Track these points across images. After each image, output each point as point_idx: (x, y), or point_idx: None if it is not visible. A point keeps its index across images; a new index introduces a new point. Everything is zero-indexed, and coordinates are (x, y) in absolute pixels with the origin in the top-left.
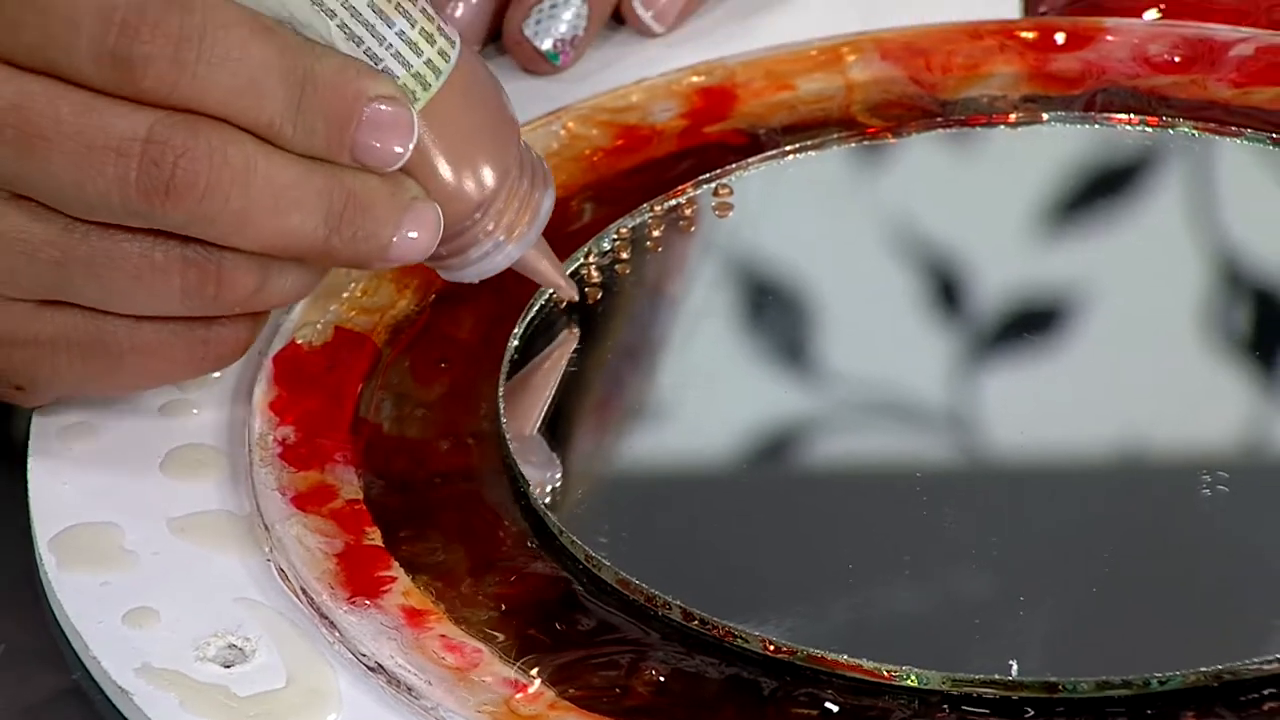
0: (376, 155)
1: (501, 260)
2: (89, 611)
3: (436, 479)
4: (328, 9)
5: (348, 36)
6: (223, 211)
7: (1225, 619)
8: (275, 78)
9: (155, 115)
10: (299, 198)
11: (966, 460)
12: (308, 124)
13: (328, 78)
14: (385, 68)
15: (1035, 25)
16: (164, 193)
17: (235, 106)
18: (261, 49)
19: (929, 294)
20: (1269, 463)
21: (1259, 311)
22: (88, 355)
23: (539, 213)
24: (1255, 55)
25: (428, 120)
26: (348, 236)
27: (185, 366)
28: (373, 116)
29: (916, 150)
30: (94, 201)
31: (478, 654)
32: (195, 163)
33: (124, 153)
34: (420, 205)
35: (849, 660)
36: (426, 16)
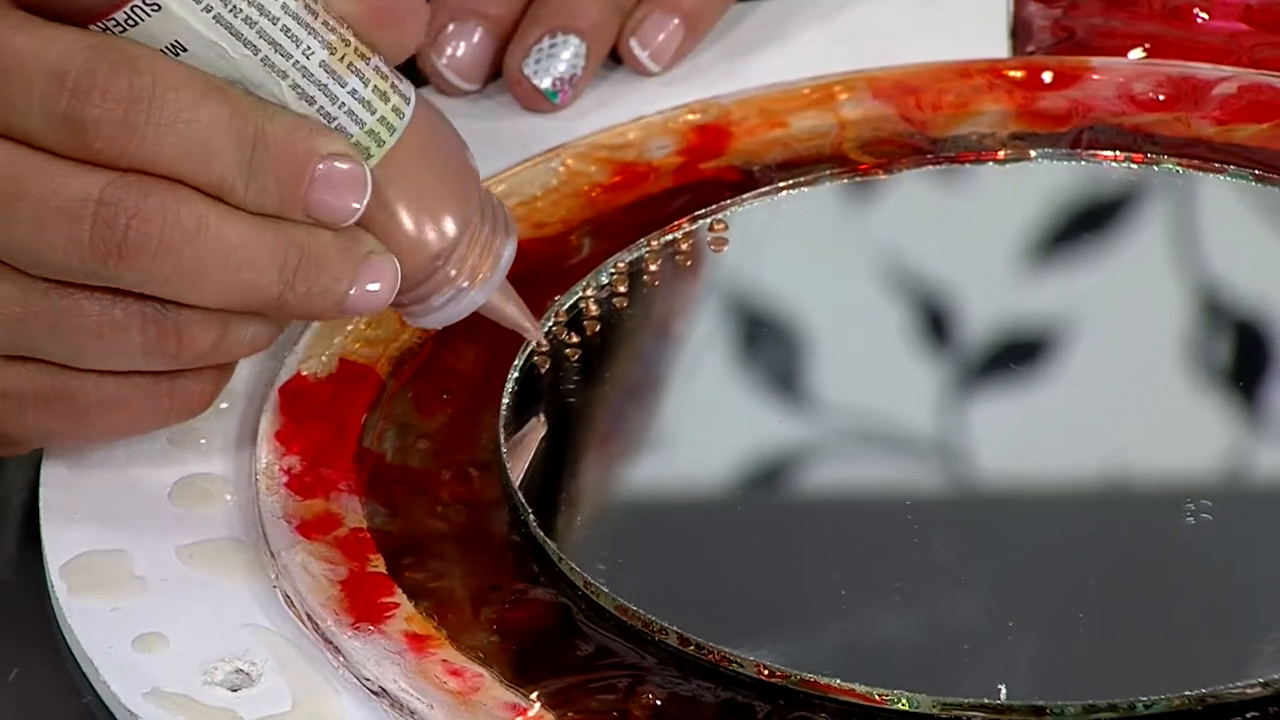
0: (330, 211)
1: (465, 306)
2: (99, 637)
3: (438, 507)
4: (279, 70)
5: (300, 96)
6: (176, 270)
7: (1208, 643)
8: (226, 138)
9: (108, 177)
10: (251, 255)
11: (955, 488)
12: (260, 183)
13: (279, 137)
14: (339, 125)
15: (1023, 64)
16: (117, 253)
17: (186, 167)
18: (211, 110)
19: (919, 326)
20: (1250, 491)
21: (1239, 344)
22: (55, 408)
23: (500, 260)
24: (1238, 93)
25: (383, 175)
26: (302, 291)
27: (151, 418)
28: (325, 174)
29: (907, 186)
30: (51, 261)
31: (479, 678)
32: (147, 223)
33: (78, 214)
34: (376, 258)
35: (841, 684)
36: (379, 75)
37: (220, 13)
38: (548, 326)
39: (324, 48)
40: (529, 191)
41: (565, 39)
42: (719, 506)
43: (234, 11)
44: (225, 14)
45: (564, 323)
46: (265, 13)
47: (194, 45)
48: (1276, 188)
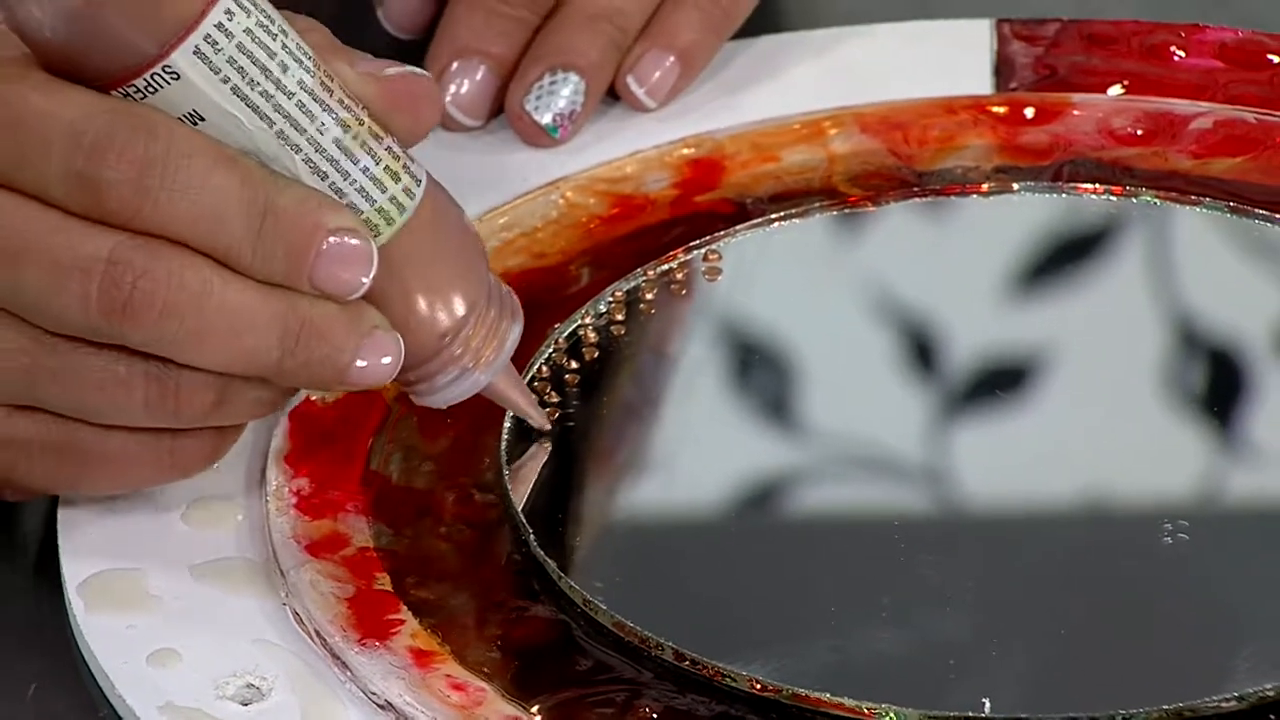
0: (336, 285)
1: (468, 388)
2: (115, 652)
3: (442, 528)
4: (293, 144)
5: (313, 170)
6: (179, 332)
7: (1186, 659)
8: (235, 207)
9: (118, 237)
10: (254, 321)
11: (941, 510)
12: (267, 252)
13: (289, 209)
14: (349, 202)
15: (1006, 100)
16: (123, 312)
17: (195, 232)
18: (223, 179)
19: (906, 354)
20: (1225, 512)
21: (1214, 371)
22: (59, 459)
23: (506, 343)
24: (1213, 128)
25: (391, 254)
26: (302, 360)
27: (152, 474)
28: (333, 248)
29: (894, 218)
30: (59, 316)
31: (481, 692)
32: (153, 285)
33: (87, 271)
34: (380, 334)
35: (831, 698)
36: (392, 155)
37: (238, 85)
38: (548, 353)
39: (338, 125)
40: (530, 223)
41: (565, 76)
42: (714, 527)
43: (251, 85)
44: (243, 86)
45: (563, 350)
46: (282, 88)
47: (211, 115)
48: (1251, 219)
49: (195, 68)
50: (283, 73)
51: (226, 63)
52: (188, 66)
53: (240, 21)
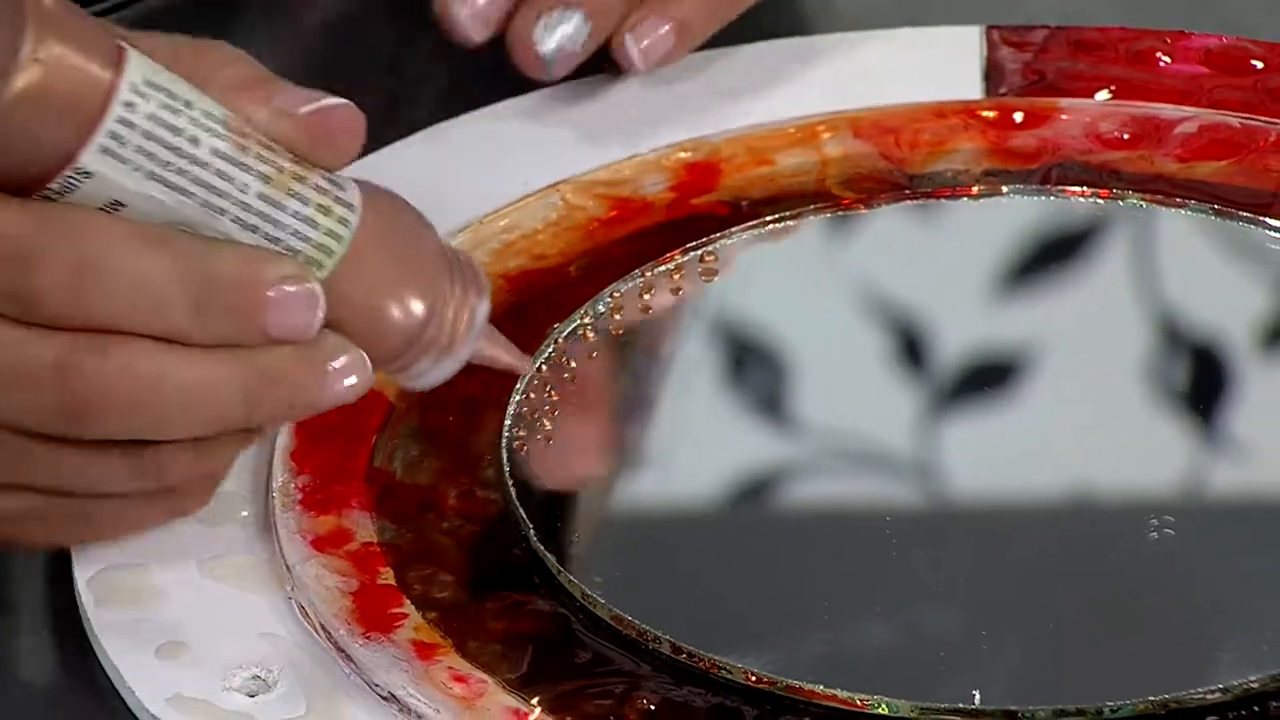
0: (288, 332)
1: (449, 368)
2: (124, 646)
3: (444, 523)
4: (217, 208)
5: (243, 228)
6: (142, 420)
7: (1172, 651)
8: (173, 287)
9: (63, 341)
10: (215, 392)
11: (932, 504)
12: (213, 320)
13: (227, 273)
14: (286, 246)
15: (996, 105)
16: (81, 414)
17: (138, 320)
18: (154, 262)
19: (897, 352)
20: (1209, 507)
21: (1198, 369)
22: (55, 525)
23: (477, 317)
24: (1198, 132)
25: (338, 280)
26: (269, 410)
27: (150, 522)
28: (278, 298)
29: (886, 220)
30: (21, 421)
31: (483, 684)
32: (107, 384)
33: (38, 379)
34: (343, 359)
35: (825, 690)
36: (319, 191)
37: (152, 169)
38: (548, 352)
39: (259, 179)
40: (530, 225)
41: (572, 13)
42: (709, 522)
43: (164, 165)
44: (157, 170)
45: (563, 349)
46: (196, 161)
47: (131, 200)
48: (1234, 222)
49: (106, 164)
50: (194, 146)
51: (135, 152)
52: (98, 163)
53: (142, 109)
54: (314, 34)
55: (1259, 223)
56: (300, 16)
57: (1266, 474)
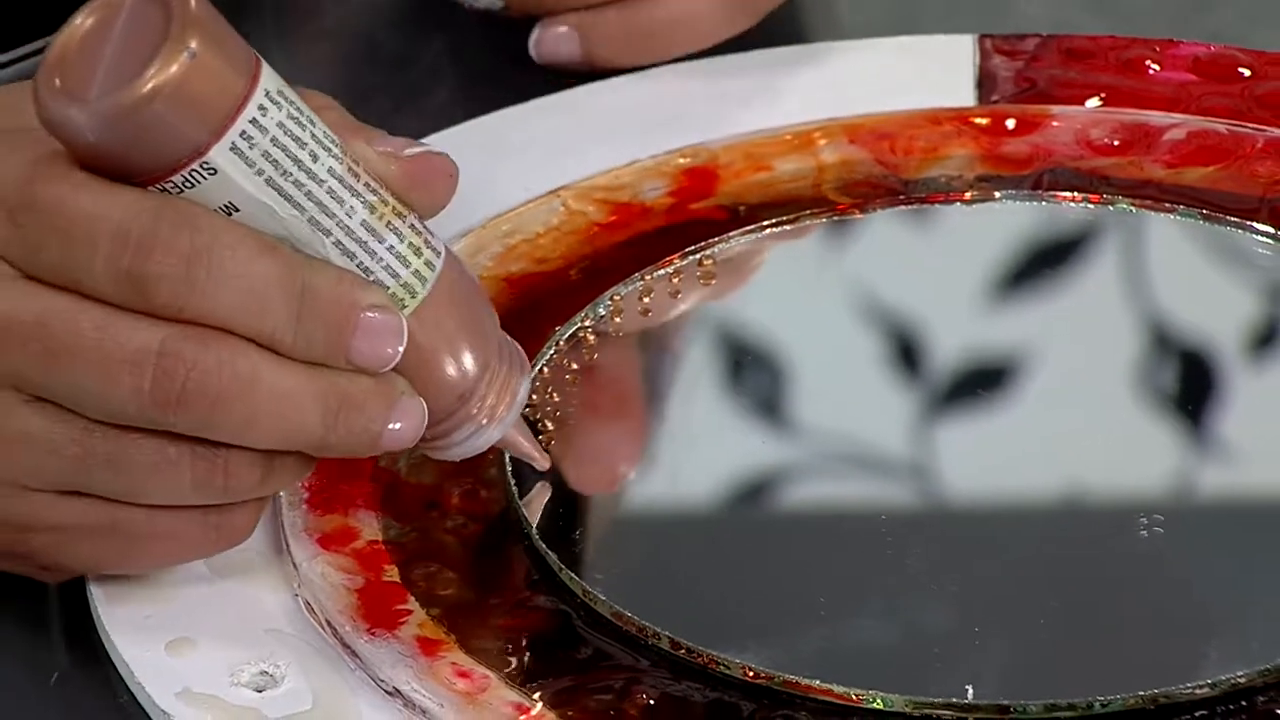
0: (370, 359)
1: (483, 443)
2: (134, 641)
3: (448, 522)
4: (324, 229)
5: (342, 252)
6: (230, 417)
7: (1161, 647)
8: (277, 293)
9: (167, 330)
10: (299, 402)
11: (926, 504)
12: (307, 333)
13: (325, 291)
14: (376, 279)
15: (988, 112)
16: (176, 402)
17: (240, 320)
18: (264, 266)
19: (892, 355)
20: (1198, 506)
21: (1186, 372)
22: (107, 540)
23: (517, 397)
24: (1187, 139)
25: (414, 323)
26: (342, 434)
27: (198, 549)
28: (366, 324)
29: (881, 225)
30: (113, 408)
31: (486, 680)
32: (205, 375)
33: (139, 365)
34: (407, 401)
35: (821, 685)
36: (414, 231)
37: (271, 176)
38: (549, 354)
39: (365, 207)
40: (532, 229)
41: None
42: (708, 521)
43: (284, 175)
44: (276, 178)
45: (564, 350)
46: (313, 176)
47: (246, 205)
48: (1222, 226)
49: (232, 163)
50: (313, 161)
51: (261, 156)
52: (224, 162)
53: (273, 116)
54: (323, 39)
55: (1246, 227)
56: (309, 22)
57: (1254, 475)
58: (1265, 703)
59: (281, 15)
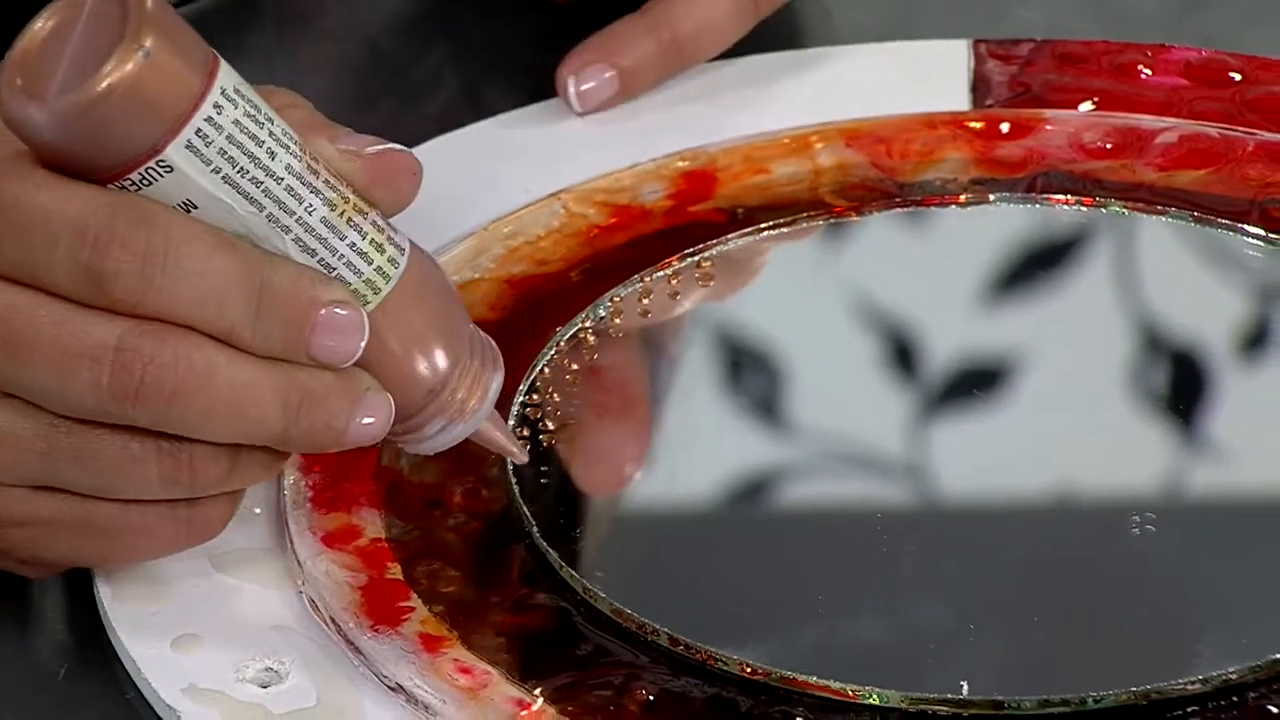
0: (331, 354)
1: (454, 437)
2: (141, 638)
3: (450, 520)
4: (283, 225)
5: (302, 248)
6: (188, 411)
7: (1153, 644)
8: (235, 288)
9: (125, 324)
10: (258, 396)
11: (922, 503)
12: (265, 329)
13: (284, 287)
14: (338, 275)
15: (983, 116)
16: (134, 396)
17: (198, 315)
18: (221, 262)
19: (888, 356)
20: (1189, 505)
21: (1178, 372)
22: (81, 534)
23: (489, 392)
24: (1178, 142)
25: (379, 319)
26: (304, 428)
27: (171, 543)
28: (326, 320)
29: (877, 228)
30: (72, 401)
31: (487, 676)
32: (162, 369)
33: (97, 359)
34: (372, 396)
35: (818, 681)
36: (377, 228)
37: (228, 174)
38: (550, 354)
39: (325, 204)
40: (533, 231)
41: None
42: (707, 520)
43: (241, 173)
44: (233, 175)
45: (565, 351)
46: (270, 174)
47: (204, 203)
48: (1213, 228)
49: (188, 160)
50: (270, 159)
51: (217, 154)
52: (181, 160)
53: (229, 114)
54: (327, 44)
55: (1237, 230)
56: (313, 27)
57: (1245, 475)
58: (1256, 698)
59: (283, 20)
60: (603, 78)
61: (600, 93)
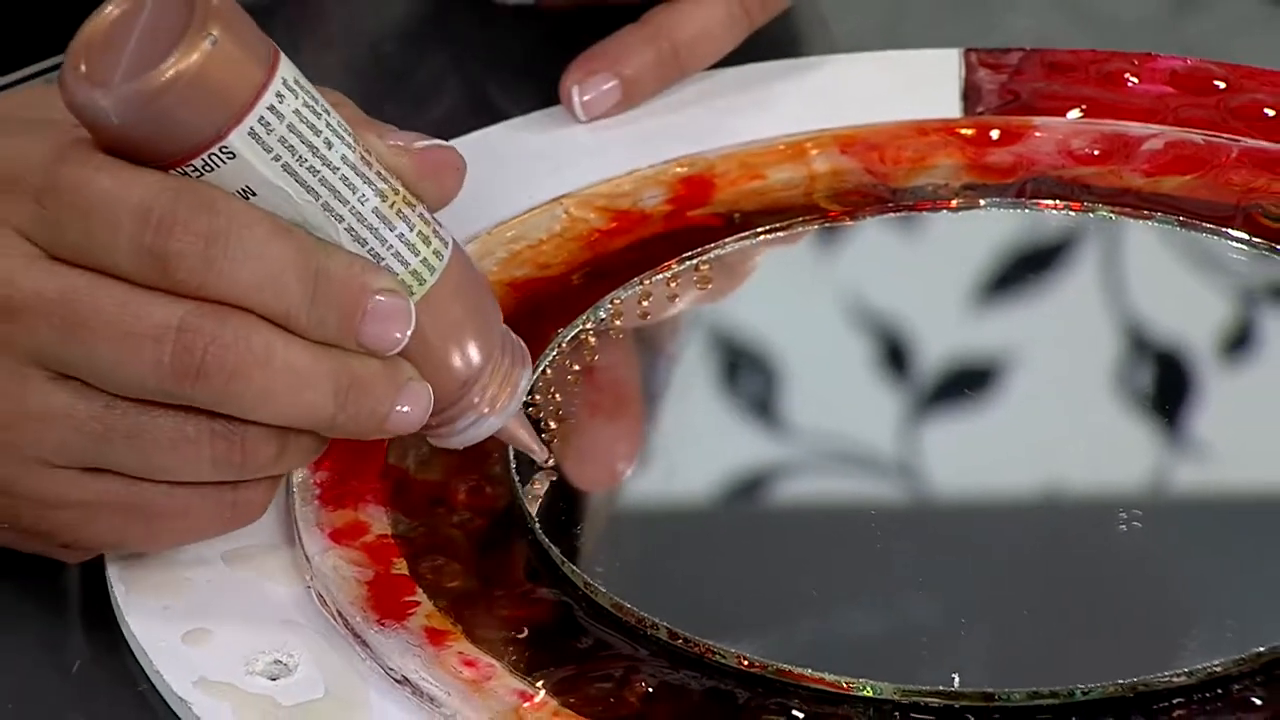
0: (379, 341)
1: (484, 431)
2: (153, 631)
3: (455, 517)
4: (337, 214)
5: (354, 238)
6: (246, 391)
7: (1139, 638)
8: (292, 273)
9: (187, 306)
10: (312, 379)
11: (914, 501)
12: (320, 314)
13: (338, 273)
14: (386, 265)
15: (974, 123)
16: (195, 375)
17: (257, 298)
18: (280, 247)
19: (881, 357)
20: (1174, 502)
21: (1164, 373)
22: (127, 517)
23: (518, 388)
24: (1164, 149)
25: (421, 311)
26: (352, 413)
27: (214, 526)
28: (376, 308)
29: (870, 232)
30: (132, 381)
31: (491, 669)
32: (222, 349)
33: (159, 339)
34: (414, 385)
35: (813, 673)
36: (424, 221)
37: (288, 162)
38: (552, 355)
39: (377, 195)
40: (536, 235)
41: None
42: (705, 516)
43: (300, 161)
44: (292, 163)
45: (567, 352)
46: (327, 163)
47: (262, 190)
48: (1198, 233)
49: (250, 148)
50: (327, 149)
51: (278, 142)
52: (243, 147)
53: (289, 104)
54: (335, 51)
55: (1221, 234)
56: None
57: (1229, 472)
58: (1240, 690)
59: (292, 27)
60: (606, 86)
61: (603, 101)
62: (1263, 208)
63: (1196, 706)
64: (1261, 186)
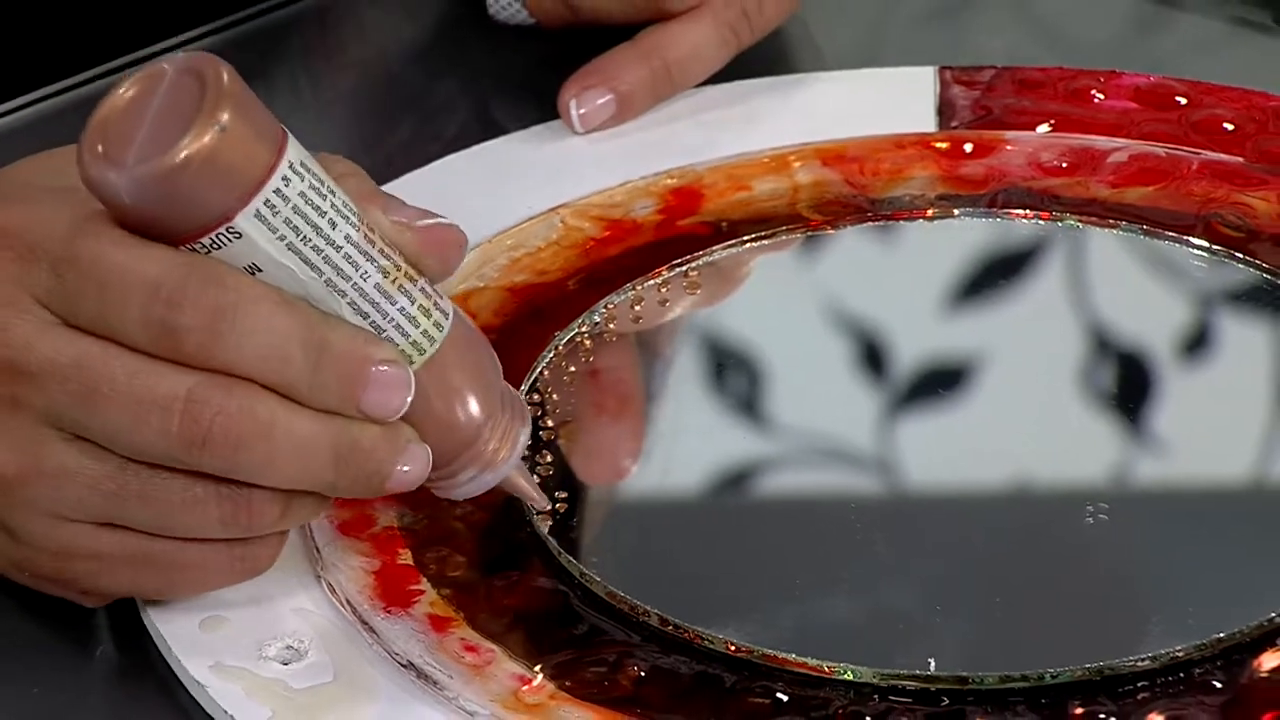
0: (380, 409)
1: (484, 484)
2: (171, 619)
3: (457, 510)
4: (339, 290)
5: (356, 312)
6: (251, 459)
7: (1106, 624)
8: (296, 346)
9: (195, 377)
10: (314, 447)
11: (891, 494)
12: (322, 384)
13: (340, 346)
14: (387, 337)
15: (948, 137)
16: (202, 444)
17: (262, 369)
18: (284, 321)
19: (859, 358)
20: (1137, 495)
21: (1127, 373)
22: (142, 569)
23: (518, 443)
24: (1129, 161)
25: (422, 377)
26: (352, 476)
27: (225, 578)
28: (378, 378)
29: (850, 240)
30: (142, 447)
31: (491, 654)
32: (228, 420)
33: (167, 409)
34: (414, 447)
35: (796, 658)
36: (425, 294)
37: (292, 241)
38: (549, 357)
39: (379, 272)
40: (533, 244)
41: None
42: (694, 510)
43: (304, 241)
44: (296, 242)
45: (563, 354)
46: (331, 242)
47: (268, 267)
48: (1161, 241)
49: (256, 228)
50: (331, 229)
51: (283, 223)
52: (249, 227)
53: (295, 186)
54: (348, 73)
55: (1183, 242)
56: (335, 57)
57: (1188, 466)
58: (1202, 674)
59: (308, 51)
60: (602, 100)
61: (599, 115)
62: (1222, 217)
63: (1160, 689)
64: (1221, 197)
